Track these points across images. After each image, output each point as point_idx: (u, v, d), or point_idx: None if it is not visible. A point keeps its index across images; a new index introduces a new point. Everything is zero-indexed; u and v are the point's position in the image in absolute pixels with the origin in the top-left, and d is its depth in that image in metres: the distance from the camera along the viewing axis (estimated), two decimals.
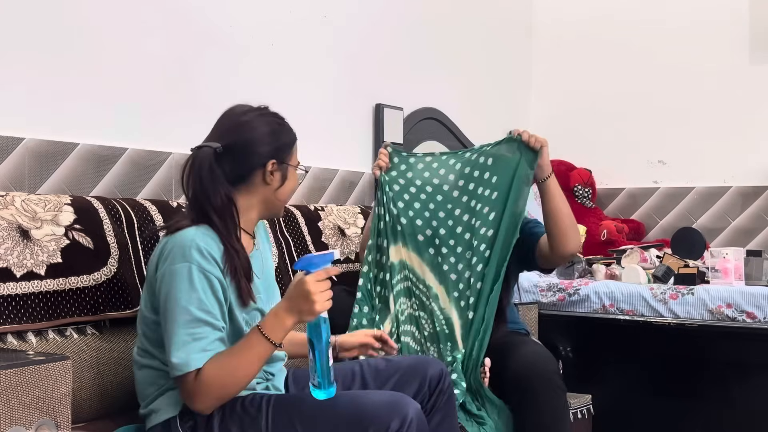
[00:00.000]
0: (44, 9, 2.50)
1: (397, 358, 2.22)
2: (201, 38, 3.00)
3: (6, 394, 1.55)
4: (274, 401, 1.87)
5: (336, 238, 2.94)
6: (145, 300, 1.93)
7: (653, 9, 4.66)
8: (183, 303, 1.77)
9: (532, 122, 4.95)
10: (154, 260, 1.89)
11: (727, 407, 3.26)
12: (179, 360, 1.75)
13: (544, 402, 2.42)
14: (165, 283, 1.81)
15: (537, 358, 2.49)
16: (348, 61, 3.66)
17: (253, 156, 1.95)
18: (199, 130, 3.00)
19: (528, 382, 2.41)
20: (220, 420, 1.85)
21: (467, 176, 2.64)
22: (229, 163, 1.93)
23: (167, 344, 1.78)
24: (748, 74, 4.38)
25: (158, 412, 1.90)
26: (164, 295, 1.81)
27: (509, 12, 4.86)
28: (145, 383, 1.95)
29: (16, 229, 2.03)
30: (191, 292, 1.78)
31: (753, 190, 4.39)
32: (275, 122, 2.01)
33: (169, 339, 1.78)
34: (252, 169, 1.96)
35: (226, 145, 1.93)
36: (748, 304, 3.21)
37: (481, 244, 2.55)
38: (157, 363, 1.91)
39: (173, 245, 1.83)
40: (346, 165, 3.59)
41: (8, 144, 2.41)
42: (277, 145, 1.97)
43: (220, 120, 2.02)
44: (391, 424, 1.79)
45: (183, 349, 1.75)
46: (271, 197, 2.00)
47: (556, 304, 3.58)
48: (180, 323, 1.77)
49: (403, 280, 2.61)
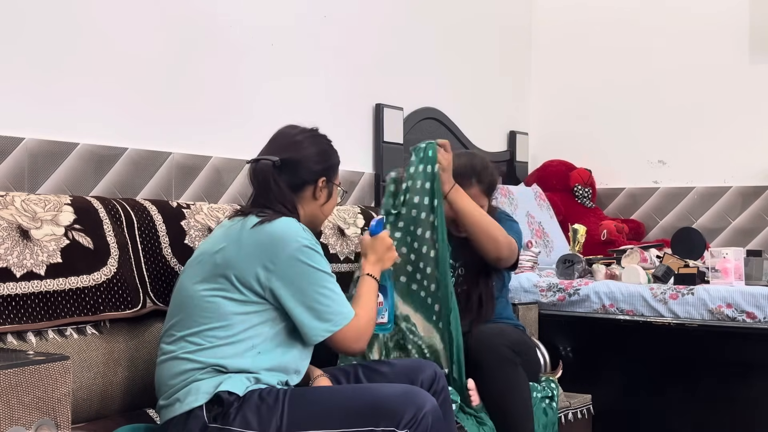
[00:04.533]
0: (44, 9, 2.50)
1: (393, 361, 2.29)
2: (201, 38, 3.00)
3: (6, 394, 1.55)
4: (290, 392, 1.96)
5: (336, 238, 2.94)
6: (208, 285, 1.99)
7: (653, 9, 4.66)
8: (327, 269, 2.03)
9: (532, 122, 4.95)
10: (253, 250, 1.99)
11: (728, 407, 3.26)
12: (339, 315, 2.01)
13: (493, 374, 2.47)
14: (298, 260, 1.99)
15: (490, 332, 2.53)
16: (348, 61, 3.66)
17: (306, 172, 2.15)
18: (200, 130, 3.02)
19: (479, 357, 2.48)
20: (237, 409, 1.90)
21: (405, 203, 2.60)
22: (286, 175, 2.13)
23: (321, 306, 1.99)
24: (748, 74, 4.38)
25: (183, 401, 1.93)
26: (302, 269, 1.99)
27: (509, 12, 4.86)
28: (170, 374, 1.98)
29: (16, 229, 2.03)
30: (325, 262, 2.04)
31: (753, 190, 4.38)
32: (325, 143, 2.22)
33: (322, 301, 2.00)
34: (305, 183, 2.16)
35: (282, 159, 2.13)
36: (748, 304, 3.21)
37: (427, 267, 2.53)
38: (196, 351, 1.96)
39: (281, 231, 2.00)
40: (346, 165, 3.54)
41: (8, 144, 2.41)
42: (327, 165, 2.20)
43: (276, 137, 2.21)
44: (405, 414, 1.87)
45: (334, 305, 2.01)
46: (317, 211, 2.21)
47: (556, 304, 3.58)
48: (330, 287, 2.02)
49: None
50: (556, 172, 4.67)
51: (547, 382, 2.79)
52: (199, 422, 1.91)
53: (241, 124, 3.11)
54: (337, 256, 2.90)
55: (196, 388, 1.94)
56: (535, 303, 3.45)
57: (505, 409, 2.47)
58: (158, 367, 2.04)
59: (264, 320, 2.00)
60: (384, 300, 2.34)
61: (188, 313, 2.01)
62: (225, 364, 1.96)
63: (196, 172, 2.97)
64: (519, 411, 2.49)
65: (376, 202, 3.74)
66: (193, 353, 1.97)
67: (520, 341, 2.63)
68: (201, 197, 2.97)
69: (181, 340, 2.00)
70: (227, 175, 3.07)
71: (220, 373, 1.95)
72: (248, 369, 1.97)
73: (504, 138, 4.77)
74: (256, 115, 3.17)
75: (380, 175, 3.76)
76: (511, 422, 2.48)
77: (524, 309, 3.23)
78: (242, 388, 1.93)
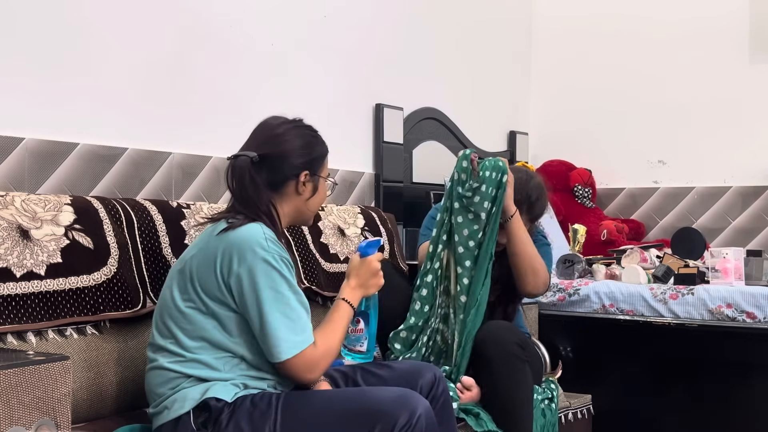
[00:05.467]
0: (44, 9, 2.50)
1: (393, 363, 2.25)
2: (201, 38, 3.00)
3: (6, 394, 1.55)
4: (283, 397, 1.92)
5: (336, 238, 2.94)
6: (182, 296, 1.96)
7: (653, 9, 4.66)
8: (282, 290, 1.91)
9: (532, 122, 4.95)
10: (214, 258, 1.92)
11: (728, 407, 3.26)
12: (287, 342, 1.89)
13: (499, 369, 2.45)
14: (251, 276, 1.89)
15: (496, 329, 2.52)
16: (348, 61, 3.66)
17: (288, 167, 2.05)
18: (200, 130, 3.02)
19: (485, 352, 2.46)
20: (229, 415, 1.88)
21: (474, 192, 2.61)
22: (265, 172, 2.03)
23: (271, 330, 1.89)
24: (748, 74, 4.38)
25: (171, 408, 1.92)
26: (254, 287, 1.89)
27: (509, 12, 4.86)
28: (157, 383, 1.97)
29: (16, 229, 2.03)
30: (283, 280, 1.91)
31: (753, 190, 4.38)
32: (309, 135, 2.11)
33: (272, 324, 1.89)
34: (286, 179, 2.06)
35: (262, 154, 2.03)
36: (748, 304, 3.21)
37: (464, 277, 2.55)
38: (178, 362, 1.94)
39: (240, 240, 1.91)
40: (346, 165, 3.59)
41: (8, 144, 2.41)
42: (310, 158, 2.08)
43: (256, 130, 2.12)
44: (399, 418, 1.84)
45: (292, 331, 1.90)
46: (302, 207, 2.11)
47: (556, 304, 3.58)
48: (282, 310, 1.90)
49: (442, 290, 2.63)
50: (556, 172, 4.67)
51: (547, 383, 2.79)
52: (186, 428, 1.89)
53: (241, 124, 3.08)
54: (337, 256, 2.90)
55: (183, 395, 1.92)
56: (535, 303, 3.45)
57: (508, 404, 2.46)
58: (147, 374, 2.02)
59: (240, 328, 1.95)
60: (365, 327, 2.22)
61: (167, 323, 1.98)
62: (206, 376, 1.93)
63: (196, 172, 2.97)
64: (521, 408, 2.47)
65: (376, 202, 3.74)
66: (177, 363, 1.94)
67: (528, 342, 2.63)
68: (201, 197, 2.97)
69: (163, 349, 1.97)
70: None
71: (206, 380, 1.93)
72: (232, 378, 1.94)
73: (504, 138, 4.77)
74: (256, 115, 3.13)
75: (380, 175, 3.76)
76: (511, 419, 2.46)
77: (524, 309, 3.23)
78: (230, 395, 1.91)
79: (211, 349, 1.95)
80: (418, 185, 4.00)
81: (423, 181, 4.03)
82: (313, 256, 2.80)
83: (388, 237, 3.17)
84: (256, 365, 1.97)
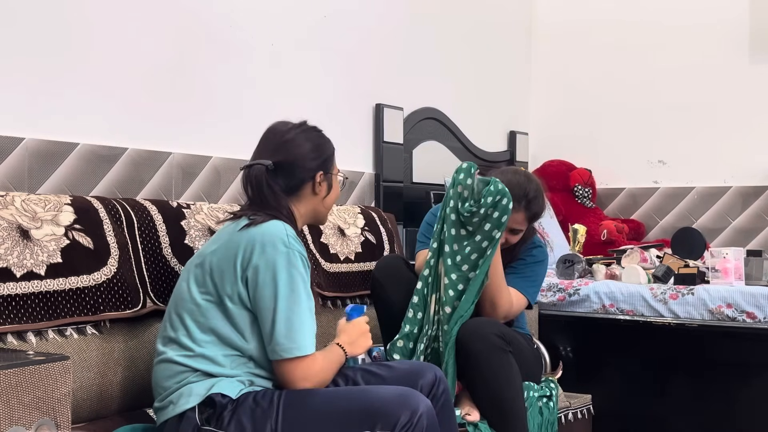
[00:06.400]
0: (44, 9, 2.50)
1: (393, 364, 2.26)
2: (201, 38, 3.00)
3: (6, 394, 1.55)
4: (285, 395, 1.94)
5: (336, 238, 2.94)
6: (200, 289, 1.99)
7: (653, 9, 4.66)
8: (298, 290, 1.95)
9: (532, 122, 4.95)
10: (235, 252, 1.96)
11: (728, 407, 3.26)
12: (294, 343, 1.92)
13: (483, 361, 2.45)
14: (272, 269, 1.93)
15: (478, 323, 2.52)
16: (348, 61, 3.66)
17: (303, 171, 2.12)
18: (200, 130, 3.02)
19: (469, 345, 2.47)
20: (232, 412, 1.90)
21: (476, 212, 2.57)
22: (281, 178, 2.10)
23: (278, 326, 1.91)
24: (748, 74, 4.38)
25: (176, 404, 1.93)
26: (274, 279, 1.93)
27: (509, 12, 4.86)
28: (164, 376, 1.99)
29: (16, 229, 2.03)
30: (300, 279, 1.95)
31: (753, 190, 4.39)
32: (317, 136, 2.18)
33: (281, 321, 1.91)
34: (302, 182, 2.12)
35: (276, 162, 2.09)
36: (748, 304, 3.21)
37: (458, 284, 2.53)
38: (186, 356, 1.96)
39: (263, 235, 1.96)
40: (346, 165, 3.56)
41: (8, 144, 2.41)
42: (322, 159, 2.15)
43: (266, 137, 2.17)
44: (400, 417, 1.86)
45: (300, 333, 1.93)
46: (318, 206, 2.18)
47: (556, 304, 3.58)
48: (295, 310, 1.93)
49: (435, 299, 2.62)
50: (556, 172, 4.67)
51: (547, 382, 2.79)
52: (191, 424, 1.90)
53: (241, 123, 3.11)
54: (337, 256, 2.90)
55: (189, 390, 1.94)
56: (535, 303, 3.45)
57: (497, 396, 2.45)
58: (154, 368, 2.04)
59: (251, 328, 1.98)
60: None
61: (181, 315, 2.01)
62: (214, 371, 1.95)
63: (196, 172, 2.97)
64: (511, 398, 2.47)
65: (376, 202, 3.74)
66: (185, 357, 1.97)
67: (510, 333, 2.61)
68: (201, 197, 2.97)
69: (173, 342, 2.00)
70: (227, 175, 3.07)
71: (213, 376, 1.95)
72: (238, 374, 1.96)
73: (504, 138, 4.77)
74: (256, 115, 3.16)
75: (380, 175, 3.76)
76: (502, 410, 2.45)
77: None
78: (235, 391, 1.93)
79: (219, 344, 1.97)
80: (418, 185, 4.01)
81: (423, 181, 4.03)
82: (313, 256, 2.80)
83: (388, 237, 3.17)
84: (263, 365, 1.99)
